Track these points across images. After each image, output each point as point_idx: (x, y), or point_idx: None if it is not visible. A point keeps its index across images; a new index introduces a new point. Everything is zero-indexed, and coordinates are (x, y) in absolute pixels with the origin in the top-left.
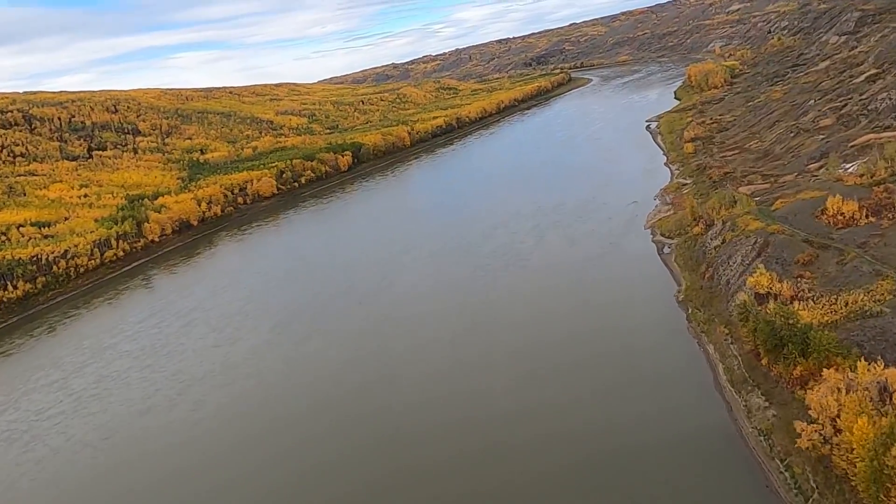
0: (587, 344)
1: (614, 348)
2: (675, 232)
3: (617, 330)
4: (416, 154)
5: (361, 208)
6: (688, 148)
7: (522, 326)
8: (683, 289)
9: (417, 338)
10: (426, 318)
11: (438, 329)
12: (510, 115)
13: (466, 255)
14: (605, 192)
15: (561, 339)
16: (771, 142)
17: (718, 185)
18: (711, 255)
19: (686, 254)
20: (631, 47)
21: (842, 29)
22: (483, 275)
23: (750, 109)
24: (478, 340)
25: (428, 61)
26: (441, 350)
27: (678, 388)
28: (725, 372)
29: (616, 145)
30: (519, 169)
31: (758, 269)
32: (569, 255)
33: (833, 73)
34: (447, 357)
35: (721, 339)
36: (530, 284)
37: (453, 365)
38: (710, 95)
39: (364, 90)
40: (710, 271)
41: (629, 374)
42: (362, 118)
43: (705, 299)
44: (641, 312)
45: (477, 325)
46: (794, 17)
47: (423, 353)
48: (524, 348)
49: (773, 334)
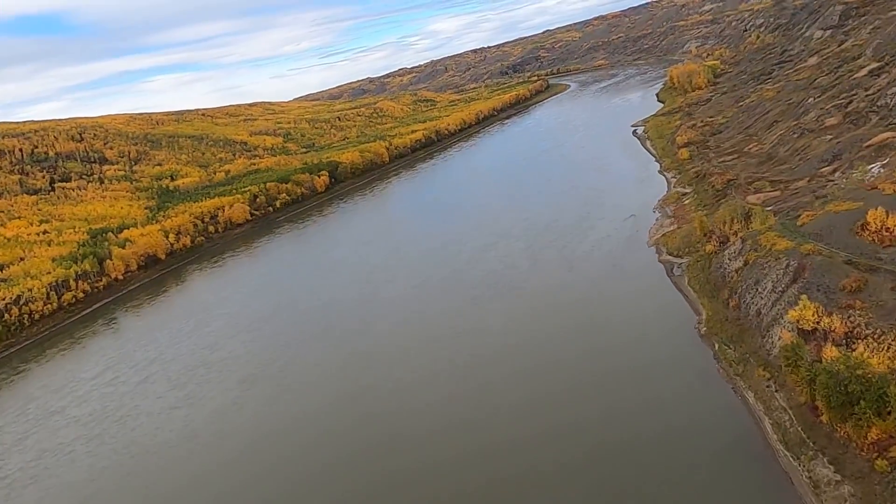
0: (599, 396)
1: (633, 401)
2: (684, 250)
3: (633, 376)
4: (395, 170)
5: (340, 232)
6: (682, 154)
7: (520, 376)
8: (705, 319)
9: (402, 401)
10: (412, 374)
11: (427, 388)
12: (490, 125)
13: (454, 286)
14: (600, 206)
15: (567, 388)
16: (772, 144)
17: (722, 193)
18: (733, 279)
19: (701, 276)
20: (606, 51)
21: (825, 23)
22: (473, 311)
23: (742, 110)
24: (472, 401)
25: (404, 74)
26: (430, 414)
27: (719, 451)
28: (775, 429)
29: (604, 153)
30: (505, 183)
31: (800, 300)
32: (567, 282)
33: (827, 68)
34: (437, 421)
35: (762, 385)
36: (527, 320)
37: (445, 429)
38: (695, 97)
39: (340, 106)
40: (734, 299)
41: (655, 433)
42: (339, 135)
43: (734, 334)
44: (659, 351)
45: (470, 380)
46: (770, 14)
47: (409, 420)
48: (523, 403)
49: (839, 388)
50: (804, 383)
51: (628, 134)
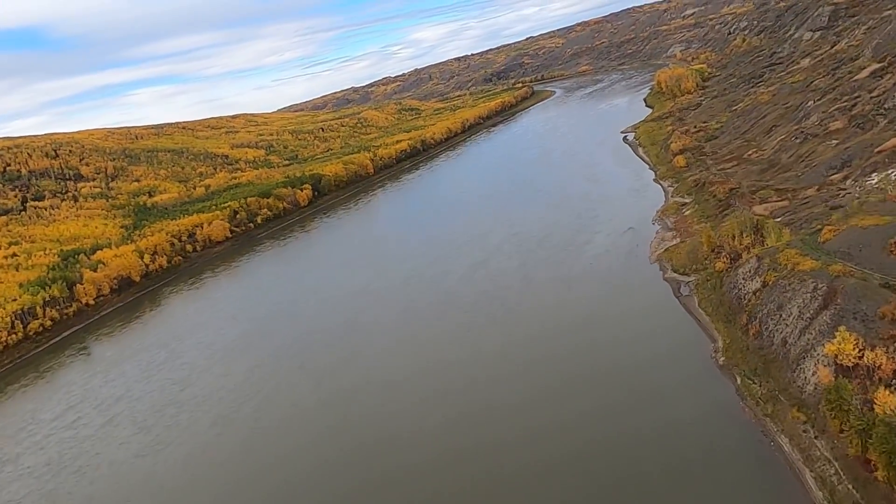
0: (608, 440)
1: (647, 445)
2: (691, 267)
3: (646, 415)
4: (380, 182)
5: (322, 249)
6: (678, 161)
7: (518, 411)
8: (722, 347)
9: (391, 442)
10: (401, 410)
11: (417, 425)
12: (476, 133)
13: (443, 310)
14: (594, 218)
15: (569, 424)
16: (773, 150)
17: (726, 203)
18: (751, 303)
19: (713, 297)
20: (590, 57)
21: (814, 24)
22: (465, 336)
23: (737, 114)
24: (466, 437)
25: (388, 83)
26: (423, 462)
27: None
28: (819, 485)
29: (595, 161)
30: (494, 194)
31: (837, 332)
32: (566, 302)
33: (823, 70)
34: (429, 470)
35: (797, 429)
36: (522, 347)
37: (440, 471)
38: (685, 101)
39: (324, 116)
40: (754, 325)
41: (674, 483)
42: (322, 146)
43: (758, 366)
44: (673, 384)
45: (463, 415)
46: (753, 17)
47: (398, 464)
48: (521, 442)
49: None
50: (854, 433)
51: (619, 140)
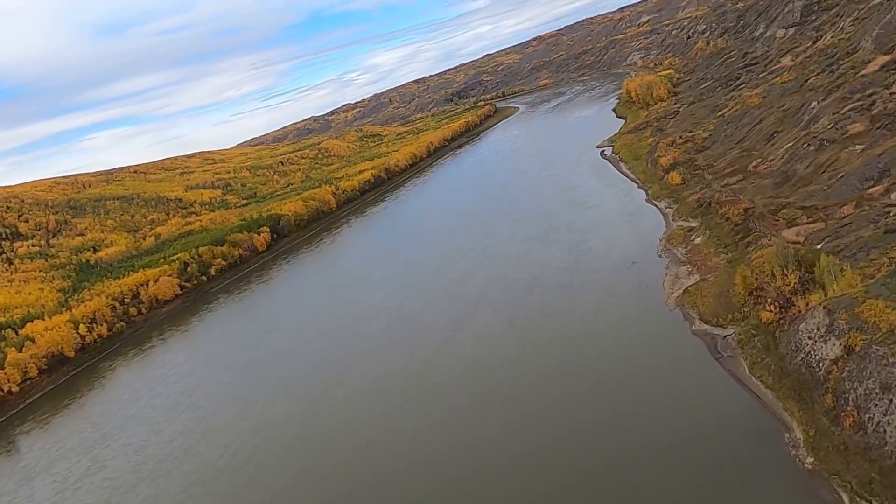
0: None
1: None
2: (725, 315)
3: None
4: (344, 217)
5: (282, 303)
6: (673, 178)
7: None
8: (802, 440)
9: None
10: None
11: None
12: (442, 156)
13: (423, 386)
14: (588, 252)
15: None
16: (783, 159)
17: (744, 227)
18: (833, 376)
19: (769, 362)
20: (549, 70)
21: (786, 21)
22: (454, 428)
23: (725, 121)
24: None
25: (348, 110)
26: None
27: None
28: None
29: (576, 182)
30: (468, 227)
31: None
32: (573, 370)
33: (815, 67)
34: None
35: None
36: (527, 436)
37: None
38: (660, 109)
39: (284, 149)
40: (849, 412)
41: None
42: (282, 181)
43: (872, 477)
44: (738, 493)
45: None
46: (711, 20)
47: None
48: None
49: None
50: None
51: (596, 156)
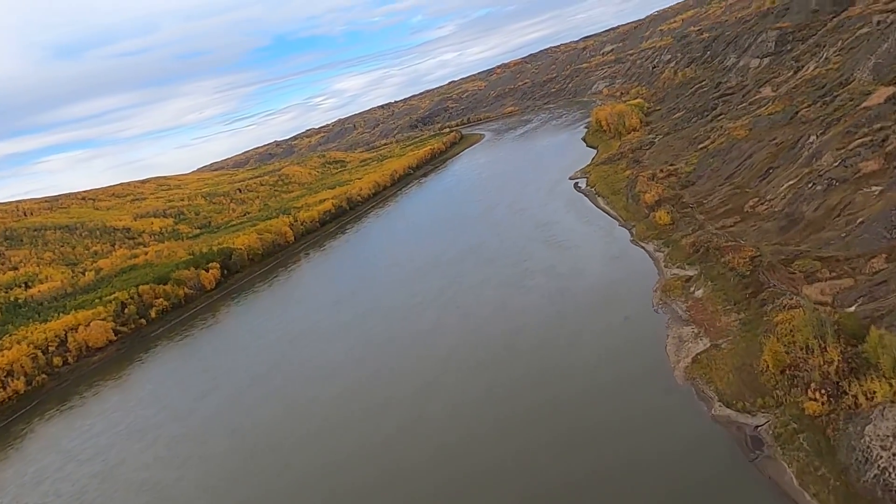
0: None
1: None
2: (751, 398)
3: None
4: (303, 249)
5: (224, 353)
6: (660, 217)
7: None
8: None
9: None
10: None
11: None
12: (407, 185)
13: (386, 480)
14: (572, 303)
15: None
16: (785, 199)
17: (754, 280)
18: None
19: (828, 475)
20: (514, 98)
21: (760, 51)
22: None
23: (710, 154)
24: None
25: (312, 135)
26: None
27: None
28: None
29: (551, 217)
30: (435, 267)
31: None
32: (570, 478)
33: (805, 98)
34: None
35: None
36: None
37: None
38: (634, 140)
39: (243, 175)
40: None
41: None
42: (239, 210)
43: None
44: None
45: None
46: (676, 50)
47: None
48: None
49: None
50: None
51: (570, 188)
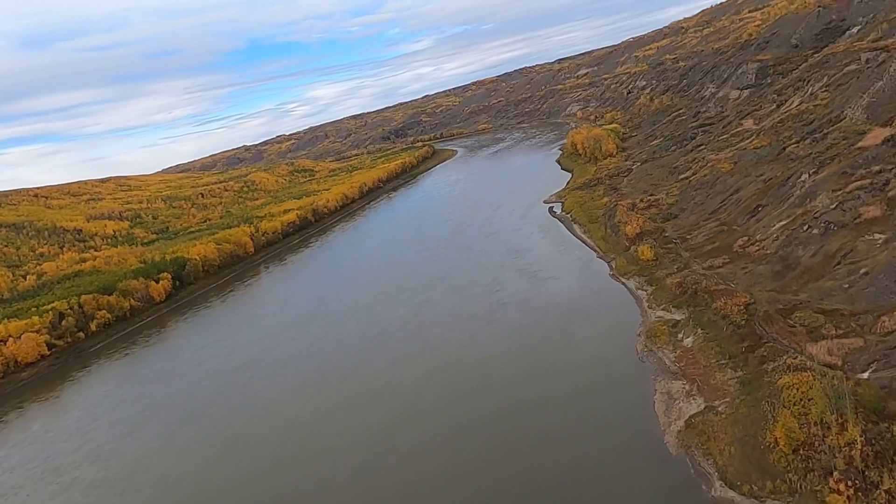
0: None
1: None
2: (758, 479)
3: None
4: (263, 262)
5: (162, 379)
6: (643, 252)
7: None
8: None
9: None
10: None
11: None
12: (376, 198)
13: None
14: (549, 341)
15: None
16: (778, 241)
17: (749, 332)
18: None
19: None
20: (488, 115)
21: (741, 82)
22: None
23: (692, 186)
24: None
25: (282, 141)
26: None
27: None
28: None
29: (525, 244)
30: (402, 291)
31: None
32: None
33: (792, 133)
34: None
35: None
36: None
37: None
38: (611, 166)
39: (208, 179)
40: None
41: None
42: (200, 215)
43: None
44: None
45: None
46: (651, 77)
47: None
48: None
49: None
50: None
51: (544, 213)
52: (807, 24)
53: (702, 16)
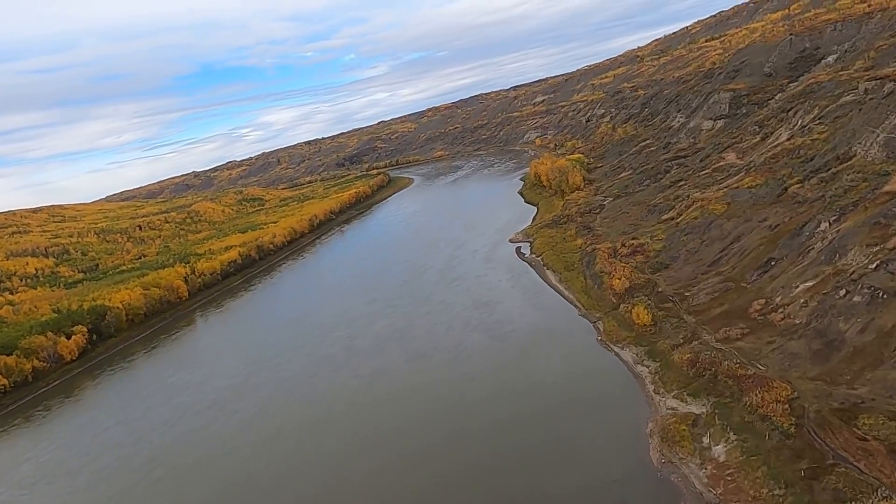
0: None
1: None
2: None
3: None
4: (199, 307)
5: (58, 465)
6: (638, 314)
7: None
8: None
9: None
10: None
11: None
12: (328, 231)
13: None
14: (530, 453)
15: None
16: (808, 309)
17: (807, 446)
18: None
19: None
20: (444, 142)
21: (713, 112)
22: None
23: (682, 230)
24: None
25: (233, 167)
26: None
27: None
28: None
29: (492, 294)
30: (348, 357)
31: None
32: None
33: (793, 172)
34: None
35: None
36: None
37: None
38: (580, 201)
39: (149, 208)
40: None
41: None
42: (135, 251)
43: None
44: None
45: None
46: (610, 105)
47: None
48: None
49: None
50: None
51: (511, 254)
52: (780, 53)
53: (655, 45)
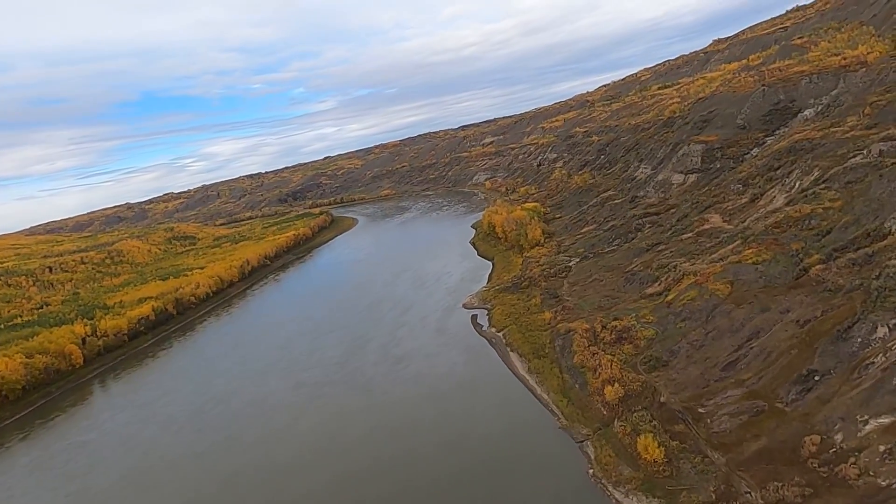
0: None
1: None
2: None
3: None
4: (98, 376)
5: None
6: (646, 447)
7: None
8: None
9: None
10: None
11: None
12: (261, 279)
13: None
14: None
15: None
16: (893, 461)
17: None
18: None
19: None
20: (391, 180)
21: (685, 166)
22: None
23: (677, 314)
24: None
25: (170, 199)
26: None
27: None
28: None
29: (445, 382)
30: (260, 488)
31: None
32: None
33: (803, 244)
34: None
35: None
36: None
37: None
38: (541, 259)
39: (68, 245)
40: None
41: None
42: (38, 297)
43: None
44: None
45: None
46: (562, 149)
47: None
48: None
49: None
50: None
51: (465, 323)
52: (752, 104)
53: (605, 90)
